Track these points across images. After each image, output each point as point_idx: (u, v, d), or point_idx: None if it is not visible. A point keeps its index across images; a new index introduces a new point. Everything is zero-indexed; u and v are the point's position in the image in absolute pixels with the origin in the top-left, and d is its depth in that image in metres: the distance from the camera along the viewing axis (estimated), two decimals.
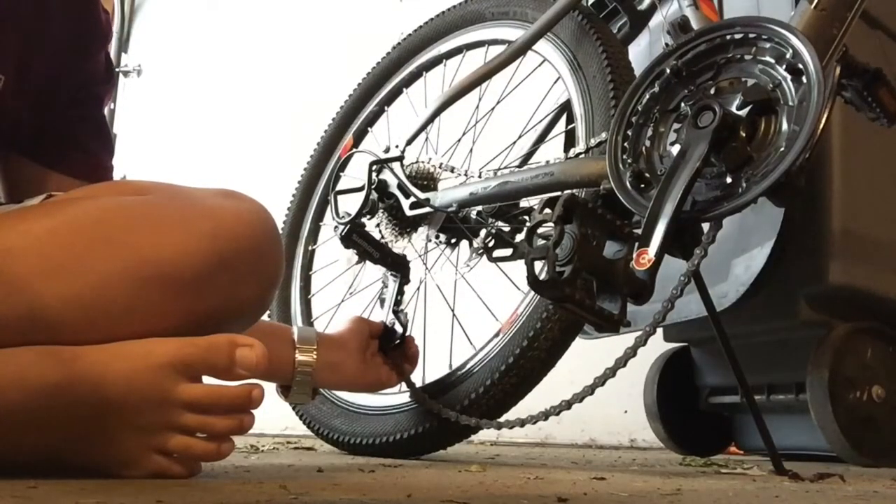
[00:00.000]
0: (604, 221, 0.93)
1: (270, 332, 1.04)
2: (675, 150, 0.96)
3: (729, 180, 0.93)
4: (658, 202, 0.92)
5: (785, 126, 0.92)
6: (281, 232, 1.55)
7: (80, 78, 0.94)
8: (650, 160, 1.00)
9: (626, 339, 0.98)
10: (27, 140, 0.92)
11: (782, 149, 0.90)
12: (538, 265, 0.89)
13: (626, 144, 1.01)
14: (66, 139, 0.95)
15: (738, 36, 0.98)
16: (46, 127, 0.93)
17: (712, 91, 0.99)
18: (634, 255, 0.92)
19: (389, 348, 1.21)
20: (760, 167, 0.91)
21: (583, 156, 1.13)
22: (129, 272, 0.70)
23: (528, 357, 1.10)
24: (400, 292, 1.26)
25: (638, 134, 1.02)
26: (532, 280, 0.89)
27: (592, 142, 1.12)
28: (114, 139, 1.04)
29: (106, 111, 1.01)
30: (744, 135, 0.93)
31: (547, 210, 0.91)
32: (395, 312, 1.23)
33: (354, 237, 1.27)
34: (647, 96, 1.02)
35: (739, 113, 0.93)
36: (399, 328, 1.22)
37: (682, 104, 0.99)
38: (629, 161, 1.00)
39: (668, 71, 1.01)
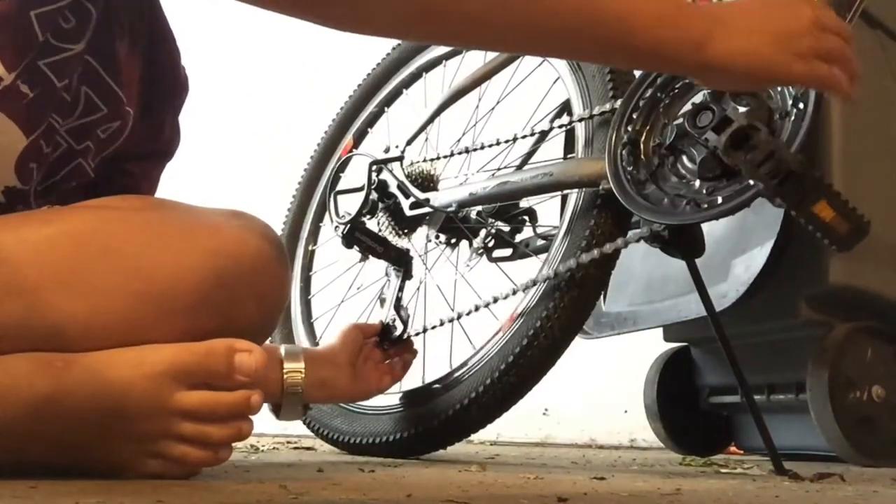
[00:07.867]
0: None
1: None
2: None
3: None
4: None
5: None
6: (281, 233, 1.56)
7: (159, 131, 0.93)
8: (649, 159, 1.00)
9: (626, 340, 0.98)
10: (92, 183, 0.87)
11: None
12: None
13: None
14: (122, 189, 0.89)
15: None
16: (112, 173, 0.89)
17: None
18: None
19: (389, 343, 1.20)
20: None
21: (582, 123, 1.13)
22: (125, 285, 0.68)
23: (528, 356, 1.10)
24: (401, 289, 1.25)
25: (638, 133, 1.02)
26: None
27: (588, 112, 1.13)
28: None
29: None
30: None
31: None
32: (397, 309, 1.22)
33: (356, 234, 1.27)
34: (647, 95, 1.02)
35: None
36: (400, 325, 1.21)
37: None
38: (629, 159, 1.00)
39: None
